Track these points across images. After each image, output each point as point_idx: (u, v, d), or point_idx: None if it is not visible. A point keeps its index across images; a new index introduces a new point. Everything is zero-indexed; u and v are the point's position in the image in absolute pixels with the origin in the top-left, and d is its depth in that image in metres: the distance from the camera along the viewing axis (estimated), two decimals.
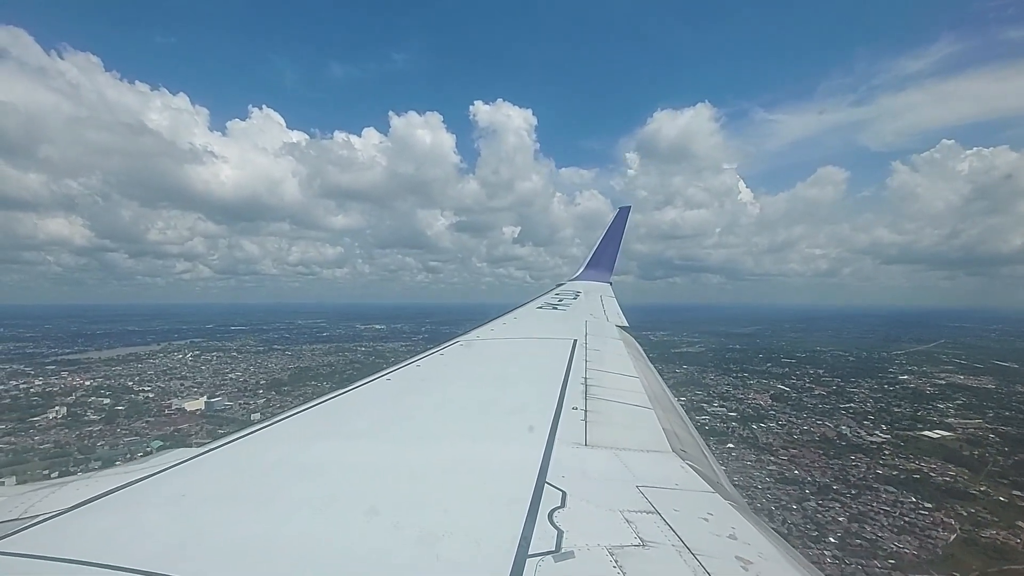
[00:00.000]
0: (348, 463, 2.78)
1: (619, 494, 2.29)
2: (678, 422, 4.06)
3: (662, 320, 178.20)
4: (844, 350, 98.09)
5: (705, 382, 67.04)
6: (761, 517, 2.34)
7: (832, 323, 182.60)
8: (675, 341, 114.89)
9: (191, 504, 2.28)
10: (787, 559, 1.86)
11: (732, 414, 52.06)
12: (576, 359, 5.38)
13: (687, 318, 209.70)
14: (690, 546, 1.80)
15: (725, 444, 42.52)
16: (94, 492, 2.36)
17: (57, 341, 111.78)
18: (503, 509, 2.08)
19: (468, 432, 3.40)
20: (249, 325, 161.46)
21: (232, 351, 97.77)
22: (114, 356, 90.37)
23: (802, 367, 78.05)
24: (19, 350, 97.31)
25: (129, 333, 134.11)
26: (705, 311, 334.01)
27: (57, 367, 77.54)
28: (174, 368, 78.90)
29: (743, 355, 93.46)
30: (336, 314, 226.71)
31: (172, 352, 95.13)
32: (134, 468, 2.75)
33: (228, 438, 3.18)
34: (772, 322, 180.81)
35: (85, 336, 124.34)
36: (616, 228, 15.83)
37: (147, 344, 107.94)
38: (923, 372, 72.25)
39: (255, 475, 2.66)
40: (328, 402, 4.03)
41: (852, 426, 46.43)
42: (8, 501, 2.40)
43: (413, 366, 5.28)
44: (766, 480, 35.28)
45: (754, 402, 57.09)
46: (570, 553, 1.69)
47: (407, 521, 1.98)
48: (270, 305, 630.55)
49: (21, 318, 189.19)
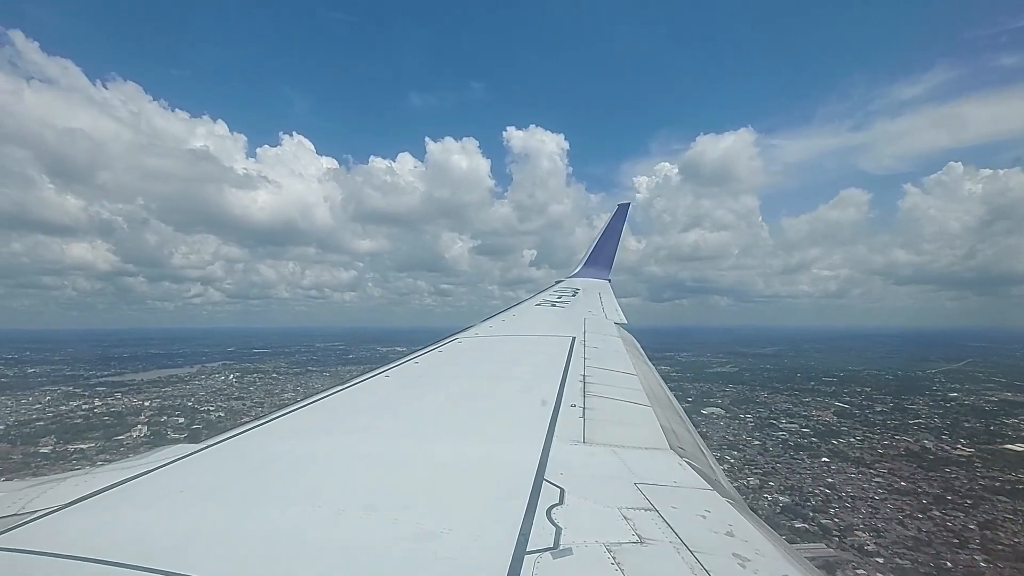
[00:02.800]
0: (346, 459, 2.79)
1: (617, 491, 2.29)
2: (676, 419, 4.09)
3: (680, 342, 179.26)
4: (876, 369, 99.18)
5: (760, 400, 67.74)
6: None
7: (849, 343, 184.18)
8: (705, 361, 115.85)
9: (189, 500, 2.28)
10: (784, 556, 1.86)
11: (806, 430, 52.76)
12: (575, 356, 5.39)
13: (703, 339, 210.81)
14: (688, 543, 1.80)
15: (819, 459, 43.28)
16: (91, 488, 2.33)
17: (90, 364, 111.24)
18: (501, 506, 2.09)
19: (466, 429, 3.42)
20: (271, 348, 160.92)
21: (271, 372, 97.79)
22: (155, 378, 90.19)
23: (847, 385, 78.85)
24: (57, 373, 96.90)
25: (156, 356, 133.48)
26: (715, 333, 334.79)
27: (108, 388, 77.54)
28: (223, 389, 78.98)
29: (780, 374, 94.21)
30: (351, 337, 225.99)
31: (212, 374, 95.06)
32: (131, 464, 2.76)
33: (226, 434, 3.17)
34: (788, 343, 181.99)
35: (115, 359, 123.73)
36: (615, 225, 15.56)
37: (179, 367, 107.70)
38: (969, 390, 73.21)
39: (253, 471, 2.65)
40: (326, 399, 4.02)
41: (932, 440, 47.37)
42: (5, 497, 2.39)
43: (412, 363, 5.31)
44: (879, 492, 36.06)
45: (820, 418, 57.85)
46: (568, 550, 1.69)
47: (405, 518, 1.98)
48: (279, 329, 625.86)
49: (37, 342, 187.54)
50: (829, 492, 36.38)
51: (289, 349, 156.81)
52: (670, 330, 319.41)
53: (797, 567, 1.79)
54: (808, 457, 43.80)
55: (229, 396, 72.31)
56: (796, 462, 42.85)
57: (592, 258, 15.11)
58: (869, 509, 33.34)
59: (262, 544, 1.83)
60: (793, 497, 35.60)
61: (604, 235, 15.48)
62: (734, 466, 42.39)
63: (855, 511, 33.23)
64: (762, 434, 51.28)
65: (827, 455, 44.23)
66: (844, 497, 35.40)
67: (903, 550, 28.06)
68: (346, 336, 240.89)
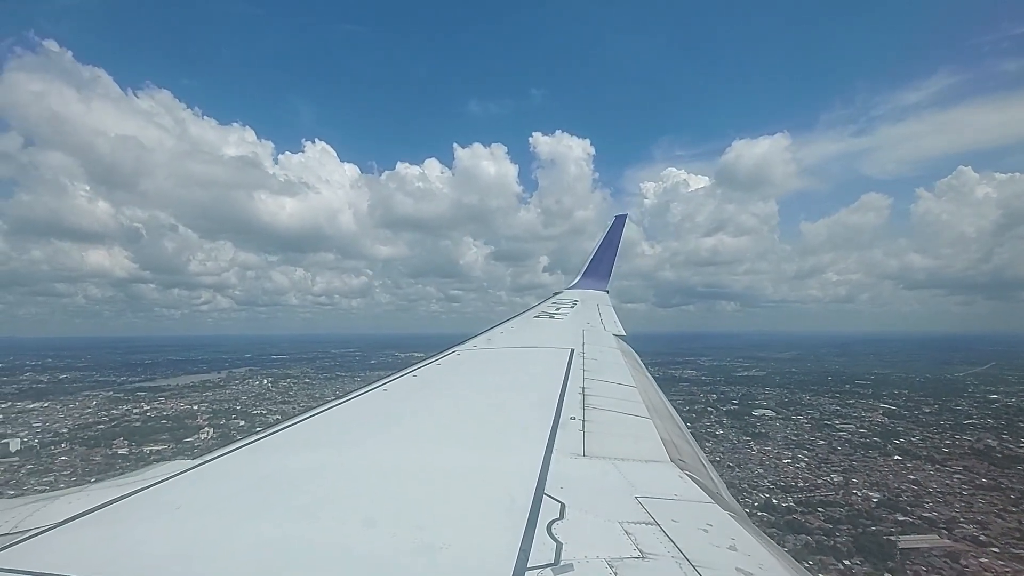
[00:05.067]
0: (345, 474, 2.76)
1: (618, 505, 2.27)
2: (676, 432, 4.04)
3: (696, 347, 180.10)
4: (903, 373, 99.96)
5: (805, 402, 68.37)
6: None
7: (863, 348, 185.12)
8: (730, 366, 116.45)
9: (185, 516, 2.25)
10: (788, 570, 1.84)
11: (863, 430, 53.35)
12: (574, 368, 5.33)
13: (717, 344, 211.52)
14: (690, 558, 1.78)
15: (891, 457, 43.90)
16: (86, 506, 2.31)
17: (117, 370, 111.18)
18: (502, 520, 2.05)
19: (465, 442, 3.38)
20: (288, 354, 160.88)
21: (302, 377, 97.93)
22: (189, 383, 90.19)
23: (883, 388, 79.50)
24: (89, 378, 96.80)
25: (178, 363, 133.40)
26: (724, 338, 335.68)
27: (148, 393, 77.65)
28: (263, 393, 79.22)
29: (811, 378, 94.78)
30: (362, 343, 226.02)
31: (245, 379, 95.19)
32: (127, 481, 2.73)
33: (223, 449, 3.16)
34: (803, 347, 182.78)
35: (138, 366, 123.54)
36: (613, 236, 15.56)
37: (205, 372, 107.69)
38: (1006, 391, 73.91)
39: (249, 486, 2.63)
40: (324, 412, 4.00)
41: (994, 439, 47.99)
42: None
43: (410, 376, 5.28)
44: (964, 488, 36.67)
45: (871, 419, 58.48)
46: (569, 566, 1.67)
47: (405, 532, 1.97)
48: (286, 336, 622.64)
49: (52, 349, 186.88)
50: (916, 488, 36.95)
51: (307, 355, 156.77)
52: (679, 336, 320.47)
53: None
54: (879, 455, 44.42)
55: (273, 400, 72.52)
56: (870, 460, 43.41)
57: (590, 269, 15.08)
58: (962, 503, 33.89)
59: (260, 560, 1.82)
60: (883, 493, 36.14)
61: (602, 246, 15.49)
62: (810, 464, 43.03)
63: (948, 505, 33.77)
64: (823, 434, 51.85)
65: (897, 454, 44.85)
66: (933, 492, 35.97)
67: (1013, 540, 28.64)
68: (357, 342, 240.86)
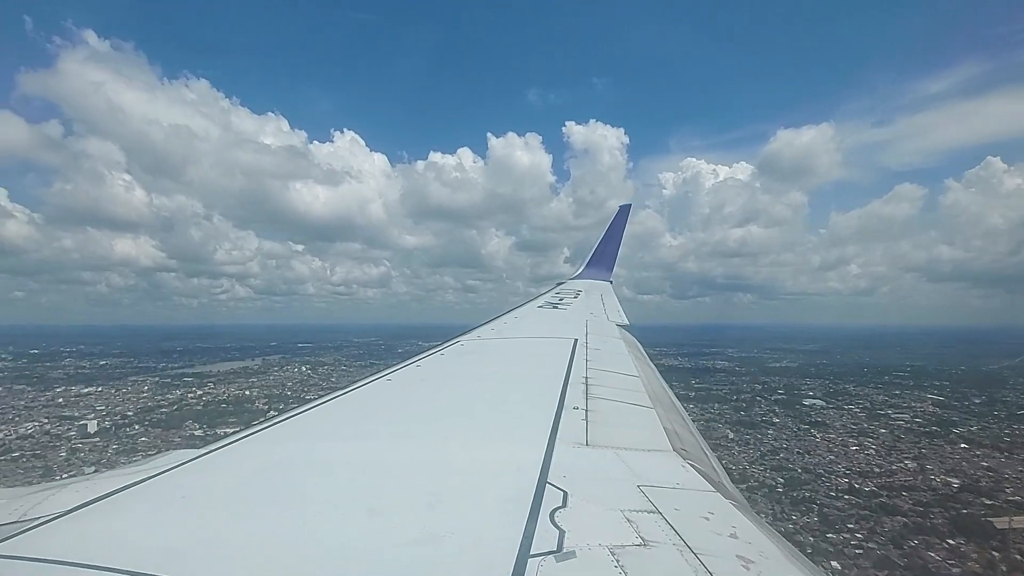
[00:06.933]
0: (348, 464, 2.78)
1: (620, 494, 2.29)
2: (679, 421, 4.08)
3: (721, 339, 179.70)
4: (937, 365, 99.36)
5: (851, 392, 68.23)
6: None
7: (888, 340, 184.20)
8: (760, 357, 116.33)
9: (192, 505, 2.28)
10: (788, 558, 1.87)
11: (918, 420, 53.36)
12: (577, 358, 5.37)
13: (740, 336, 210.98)
14: (691, 545, 1.80)
15: (957, 445, 44.02)
16: (94, 494, 2.34)
17: (154, 357, 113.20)
18: (504, 509, 2.08)
19: (469, 432, 3.41)
20: (313, 343, 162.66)
21: (338, 365, 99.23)
22: (230, 370, 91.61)
23: (922, 379, 79.27)
24: (129, 364, 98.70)
25: (210, 350, 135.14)
26: (744, 330, 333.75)
27: (195, 379, 79.20)
28: (305, 379, 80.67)
29: (846, 369, 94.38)
30: (382, 333, 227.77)
31: (284, 366, 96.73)
32: (134, 470, 2.76)
33: (228, 439, 3.19)
34: (826, 340, 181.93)
35: (173, 353, 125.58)
36: (617, 226, 15.64)
37: (239, 359, 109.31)
38: None
39: (254, 476, 2.67)
40: (328, 403, 4.05)
41: None
42: (7, 504, 2.38)
43: (413, 366, 5.31)
44: None
45: (922, 409, 58.45)
46: (571, 553, 1.69)
47: (408, 521, 1.99)
48: (303, 325, 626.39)
49: (79, 337, 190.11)
50: (992, 474, 37.15)
51: (332, 344, 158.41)
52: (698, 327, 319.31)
53: (802, 569, 1.82)
54: (945, 444, 44.53)
55: (319, 386, 73.68)
56: (937, 448, 43.55)
57: (594, 259, 15.18)
58: None
59: (264, 549, 1.85)
60: (961, 478, 36.36)
61: (606, 236, 15.56)
62: (878, 451, 43.25)
63: None
64: (880, 423, 51.95)
65: (962, 442, 44.90)
66: (1011, 478, 36.17)
67: None
68: (376, 332, 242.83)
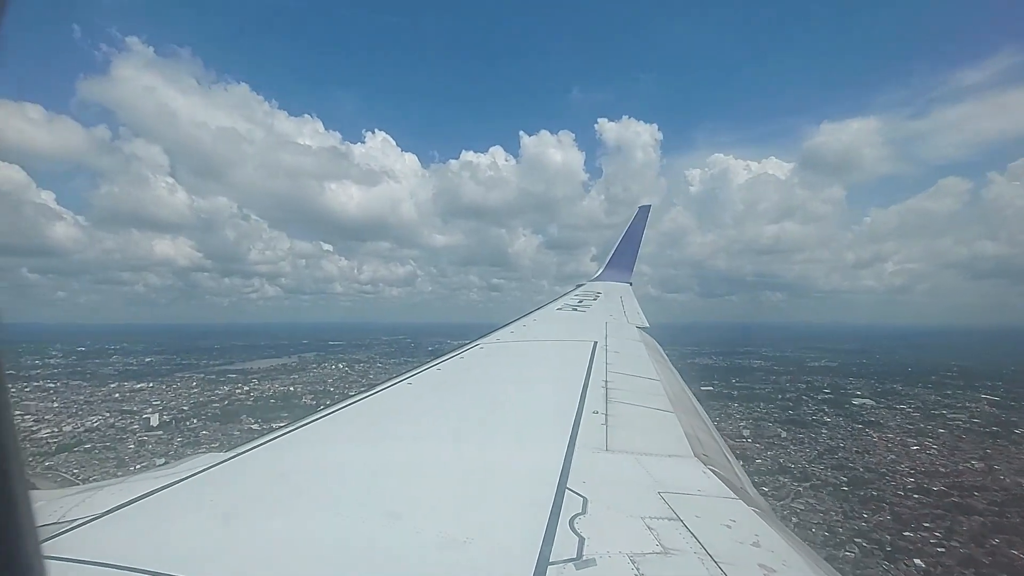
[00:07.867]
0: (370, 467, 2.81)
1: (640, 500, 2.26)
2: (700, 426, 4.01)
3: (754, 338, 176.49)
4: (986, 365, 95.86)
5: (900, 392, 66.35)
6: None
7: (928, 340, 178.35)
8: (798, 357, 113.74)
9: (221, 508, 2.34)
10: (812, 567, 1.82)
11: (976, 420, 51.57)
12: (596, 362, 5.31)
13: (770, 336, 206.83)
14: (712, 553, 1.77)
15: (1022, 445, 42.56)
16: (128, 496, 2.40)
17: (195, 355, 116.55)
18: (524, 515, 2.08)
19: (488, 436, 3.41)
20: (344, 341, 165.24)
21: (372, 363, 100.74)
22: (270, 367, 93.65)
23: (973, 379, 76.31)
24: (172, 362, 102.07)
25: (246, 348, 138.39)
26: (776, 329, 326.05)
27: (239, 376, 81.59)
28: (344, 376, 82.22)
29: (890, 369, 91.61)
30: (408, 331, 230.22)
31: (322, 364, 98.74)
32: (165, 473, 2.82)
33: (250, 444, 3.24)
34: (864, 340, 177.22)
35: (210, 351, 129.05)
36: (636, 227, 15.43)
37: (276, 357, 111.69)
38: None
39: (279, 480, 2.72)
40: (350, 406, 4.06)
41: None
42: (47, 505, 2.45)
43: (434, 370, 5.33)
44: None
45: (978, 409, 56.52)
46: (591, 560, 1.67)
47: (429, 525, 2.00)
48: (330, 323, 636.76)
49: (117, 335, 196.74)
50: None
51: (362, 342, 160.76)
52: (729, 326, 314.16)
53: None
54: (1009, 444, 42.96)
55: (359, 383, 75.02)
56: (1002, 448, 42.06)
57: (613, 261, 14.96)
58: None
59: (289, 552, 1.88)
60: None
61: (625, 237, 15.34)
62: (941, 451, 42.01)
63: None
64: (937, 423, 50.44)
65: None
66: None
67: None
68: (402, 330, 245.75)
